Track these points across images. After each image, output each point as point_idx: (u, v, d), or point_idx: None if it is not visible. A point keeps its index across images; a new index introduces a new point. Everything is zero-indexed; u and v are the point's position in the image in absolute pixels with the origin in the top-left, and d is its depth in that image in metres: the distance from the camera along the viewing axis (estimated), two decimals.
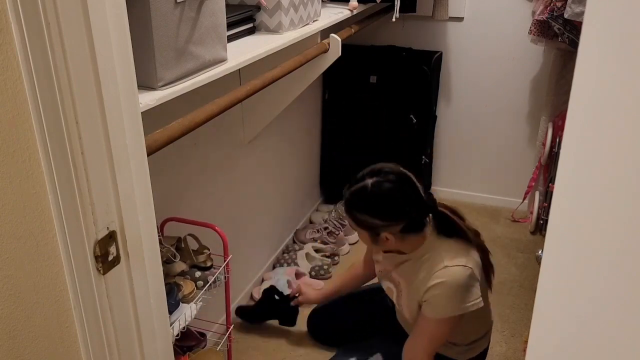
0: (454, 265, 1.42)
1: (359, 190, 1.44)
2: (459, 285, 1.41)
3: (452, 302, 1.42)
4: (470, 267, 1.43)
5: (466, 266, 1.42)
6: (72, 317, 0.83)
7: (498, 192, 2.99)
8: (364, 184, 1.43)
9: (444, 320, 1.45)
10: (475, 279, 1.44)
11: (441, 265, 1.43)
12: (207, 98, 1.30)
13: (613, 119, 0.49)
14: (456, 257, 1.44)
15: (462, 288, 1.41)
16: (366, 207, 1.44)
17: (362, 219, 1.45)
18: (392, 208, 1.43)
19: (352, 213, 1.46)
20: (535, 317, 0.59)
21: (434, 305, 1.44)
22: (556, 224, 0.55)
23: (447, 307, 1.43)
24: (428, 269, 1.45)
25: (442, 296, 1.42)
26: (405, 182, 1.44)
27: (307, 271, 2.42)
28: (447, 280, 1.41)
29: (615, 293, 0.53)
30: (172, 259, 1.45)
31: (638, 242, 0.51)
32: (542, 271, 0.57)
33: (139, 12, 0.99)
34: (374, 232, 1.45)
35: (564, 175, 0.53)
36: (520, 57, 2.70)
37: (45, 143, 0.72)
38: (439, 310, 1.44)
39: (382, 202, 1.43)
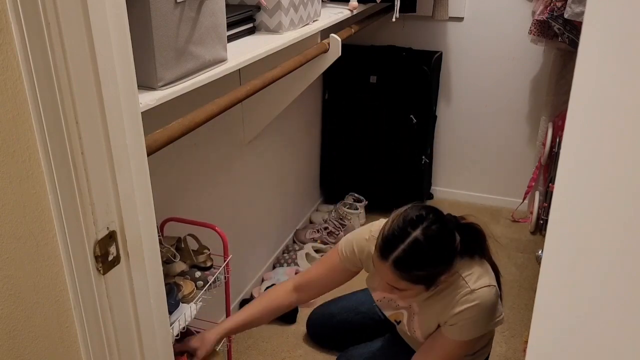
0: (480, 287, 1.37)
1: (413, 246, 1.29)
2: (488, 307, 1.38)
3: (481, 324, 1.40)
4: (494, 285, 1.40)
5: (490, 285, 1.38)
6: (72, 317, 0.83)
7: (498, 192, 2.99)
8: (415, 238, 1.29)
9: (467, 342, 1.43)
10: (498, 295, 1.42)
11: (467, 289, 1.37)
12: (207, 98, 1.30)
13: (613, 119, 0.49)
14: (480, 278, 1.39)
15: (490, 309, 1.39)
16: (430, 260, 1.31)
17: (424, 274, 1.32)
18: (452, 248, 1.34)
19: (410, 273, 1.31)
20: (535, 317, 0.59)
21: (463, 329, 1.41)
22: (556, 224, 0.55)
23: (475, 330, 1.41)
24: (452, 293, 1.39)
25: (472, 320, 1.38)
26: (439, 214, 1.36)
27: None
28: (477, 304, 1.36)
29: (615, 293, 0.53)
30: (172, 259, 1.45)
31: (638, 242, 0.51)
32: (542, 271, 0.57)
33: (139, 12, 0.99)
34: (434, 281, 1.35)
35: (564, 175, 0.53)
36: (520, 57, 2.70)
37: (45, 143, 0.72)
38: (467, 333, 1.41)
39: (443, 246, 1.32)
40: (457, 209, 2.92)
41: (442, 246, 1.32)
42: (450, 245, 1.33)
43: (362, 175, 2.86)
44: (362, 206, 2.81)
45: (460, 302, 1.37)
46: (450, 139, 2.99)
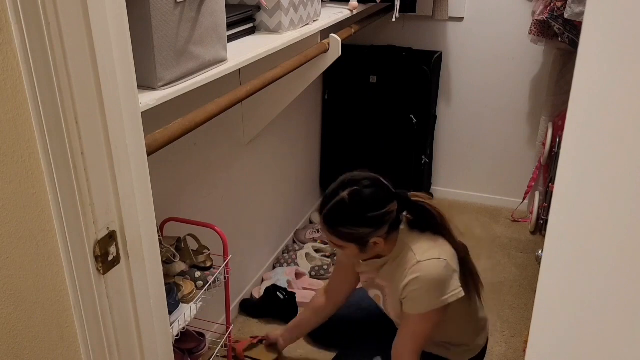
0: (427, 259, 1.42)
1: (337, 204, 1.40)
2: (435, 279, 1.41)
3: (430, 295, 1.42)
4: (444, 259, 1.42)
5: (439, 258, 1.42)
6: (72, 317, 0.83)
7: (498, 192, 2.99)
8: (341, 198, 1.40)
9: (425, 315, 1.45)
10: (452, 270, 1.43)
11: (414, 261, 1.43)
12: (207, 98, 1.30)
13: (613, 119, 0.49)
14: (428, 250, 1.44)
15: (438, 281, 1.41)
16: (351, 219, 1.41)
17: (349, 232, 1.42)
18: (378, 212, 1.40)
19: (336, 229, 1.42)
20: (535, 317, 0.59)
21: (413, 301, 1.45)
22: (556, 224, 0.55)
23: (425, 301, 1.43)
24: (402, 267, 1.45)
25: (419, 291, 1.42)
26: (380, 183, 1.44)
27: (307, 271, 2.42)
28: (421, 275, 1.41)
29: (615, 293, 0.53)
30: (172, 259, 1.45)
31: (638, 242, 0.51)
32: (542, 271, 0.57)
33: (139, 12, 0.99)
34: (362, 242, 1.43)
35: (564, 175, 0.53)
36: (520, 57, 2.70)
37: (45, 143, 0.72)
38: (419, 305, 1.44)
39: (367, 208, 1.40)
40: (457, 209, 2.93)
41: (365, 208, 1.39)
42: (375, 210, 1.40)
43: None
44: None
45: (408, 273, 1.43)
46: (450, 139, 2.99)
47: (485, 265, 2.48)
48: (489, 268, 2.45)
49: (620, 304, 0.53)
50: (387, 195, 1.44)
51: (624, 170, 0.50)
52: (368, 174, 1.45)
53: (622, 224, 0.51)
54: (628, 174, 0.50)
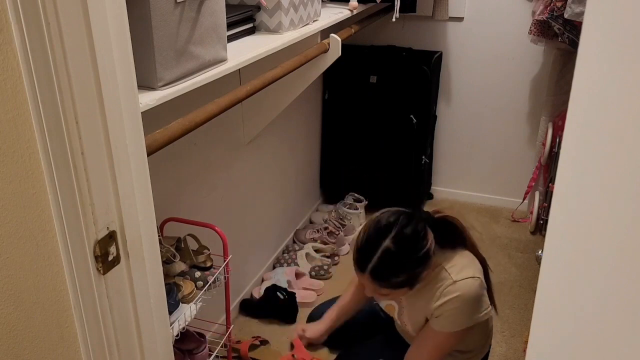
0: (463, 278, 1.40)
1: (384, 256, 1.35)
2: (472, 298, 1.40)
3: (465, 315, 1.41)
4: (478, 277, 1.41)
5: (474, 277, 1.41)
6: (72, 317, 0.83)
7: (498, 192, 2.99)
8: (385, 248, 1.35)
9: (455, 334, 1.44)
10: (484, 288, 1.43)
11: (449, 280, 1.40)
12: (207, 98, 1.30)
13: (613, 119, 0.49)
14: (462, 269, 1.42)
15: (474, 300, 1.40)
16: (405, 266, 1.36)
17: (402, 280, 1.37)
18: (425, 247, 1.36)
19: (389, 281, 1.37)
20: (535, 317, 0.59)
21: (447, 320, 1.43)
22: (556, 224, 0.55)
23: (460, 321, 1.42)
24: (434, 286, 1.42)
25: (455, 311, 1.40)
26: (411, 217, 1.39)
27: (307, 271, 2.42)
28: (459, 295, 1.39)
29: (616, 293, 0.53)
30: (172, 259, 1.45)
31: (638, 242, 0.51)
32: (542, 271, 0.57)
33: (139, 12, 0.99)
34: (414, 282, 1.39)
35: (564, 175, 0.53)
36: (520, 57, 2.70)
37: (45, 143, 0.72)
38: (452, 324, 1.43)
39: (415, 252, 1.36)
40: (457, 209, 2.93)
41: (414, 250, 1.35)
42: (423, 247, 1.36)
43: (362, 175, 2.86)
44: (362, 206, 2.81)
45: (444, 294, 1.40)
46: (450, 139, 2.99)
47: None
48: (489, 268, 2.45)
49: (620, 304, 0.53)
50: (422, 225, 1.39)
51: (624, 170, 0.50)
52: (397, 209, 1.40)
53: (622, 224, 0.51)
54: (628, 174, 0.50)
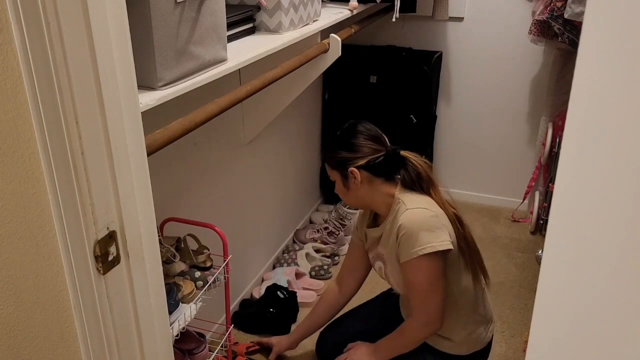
0: (415, 207, 1.48)
1: (333, 136, 1.61)
2: (422, 222, 1.45)
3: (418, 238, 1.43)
4: (432, 211, 1.47)
5: (427, 209, 1.47)
6: (72, 317, 0.83)
7: (498, 192, 2.99)
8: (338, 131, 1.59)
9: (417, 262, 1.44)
10: (441, 223, 1.47)
11: (403, 207, 1.49)
12: (207, 98, 1.30)
13: (613, 119, 0.49)
14: (418, 203, 1.49)
15: (425, 225, 1.44)
16: (337, 144, 1.57)
17: (333, 156, 1.56)
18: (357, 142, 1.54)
19: (327, 154, 1.60)
20: (535, 317, 0.59)
21: (403, 247, 1.46)
22: (556, 224, 0.55)
23: (414, 245, 1.43)
24: (395, 221, 1.50)
25: (406, 235, 1.45)
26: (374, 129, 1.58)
27: (307, 271, 2.42)
28: (409, 218, 1.45)
29: (615, 293, 0.53)
30: (172, 259, 1.45)
31: (638, 242, 0.51)
32: (542, 271, 0.57)
33: (139, 12, 0.99)
34: (343, 169, 1.54)
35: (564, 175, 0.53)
36: (520, 57, 2.70)
37: (45, 143, 0.72)
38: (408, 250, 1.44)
39: (350, 137, 1.55)
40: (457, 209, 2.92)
41: (348, 135, 1.55)
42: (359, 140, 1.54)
43: None
44: None
45: (399, 219, 1.48)
46: (450, 139, 2.99)
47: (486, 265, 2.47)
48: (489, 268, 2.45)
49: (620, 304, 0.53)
50: (376, 137, 1.56)
51: (624, 170, 0.50)
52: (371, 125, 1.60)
53: (622, 224, 0.51)
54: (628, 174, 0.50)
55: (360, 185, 1.54)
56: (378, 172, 1.54)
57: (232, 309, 2.16)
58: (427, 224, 1.45)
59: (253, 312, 2.13)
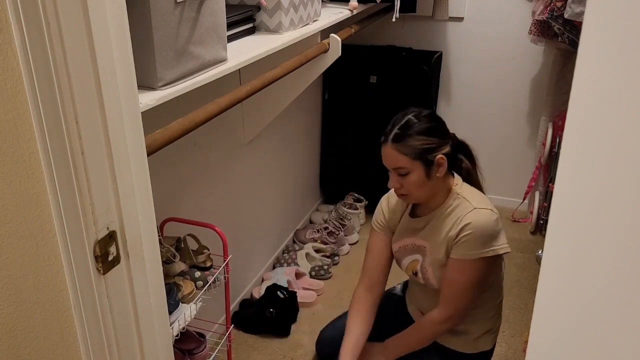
0: (484, 208, 1.47)
1: (406, 122, 1.50)
2: (490, 227, 1.46)
3: (482, 241, 1.45)
4: (496, 213, 1.48)
5: (493, 211, 1.48)
6: (72, 317, 0.83)
7: (498, 192, 2.99)
8: (407, 119, 1.51)
9: (471, 263, 1.46)
10: (500, 227, 1.49)
11: (470, 206, 1.47)
12: (207, 98, 1.30)
13: (613, 119, 0.49)
14: (482, 202, 1.49)
15: (492, 230, 1.46)
16: (420, 130, 1.48)
17: (417, 145, 1.47)
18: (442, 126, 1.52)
19: (405, 144, 1.48)
20: (535, 317, 0.59)
21: (465, 245, 1.46)
22: (556, 224, 0.55)
23: (477, 246, 1.45)
24: (456, 214, 1.49)
25: (473, 235, 1.45)
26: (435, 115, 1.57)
27: (307, 271, 2.42)
28: (478, 219, 1.45)
29: (615, 293, 0.53)
30: (172, 259, 1.45)
31: (638, 241, 0.51)
32: (542, 271, 0.57)
33: (139, 12, 0.99)
34: (429, 158, 1.47)
35: (564, 175, 0.53)
36: (520, 57, 2.70)
37: (45, 143, 0.72)
38: (469, 250, 1.46)
39: (432, 122, 1.50)
40: None
41: (432, 122, 1.51)
42: (441, 126, 1.52)
43: (362, 175, 2.86)
44: (362, 206, 2.81)
45: (464, 219, 1.46)
46: None
47: None
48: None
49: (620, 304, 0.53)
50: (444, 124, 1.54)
51: (624, 170, 0.50)
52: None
53: (621, 224, 0.51)
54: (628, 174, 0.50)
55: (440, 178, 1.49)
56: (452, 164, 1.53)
57: (232, 309, 2.16)
58: (493, 228, 1.46)
59: (253, 312, 2.13)
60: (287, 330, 2.11)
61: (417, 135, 1.48)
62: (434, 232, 1.53)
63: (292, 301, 2.15)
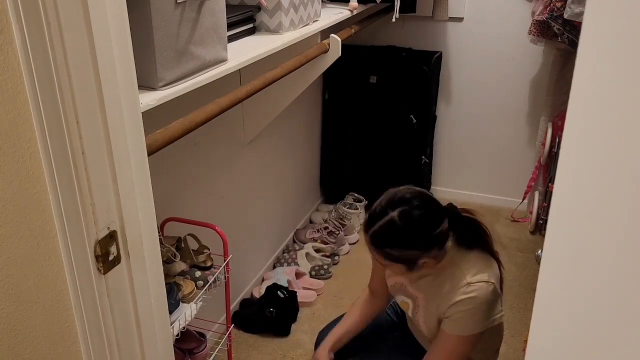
0: (477, 281, 1.38)
1: (387, 225, 1.33)
2: (483, 302, 1.38)
3: (475, 319, 1.40)
4: (492, 283, 1.39)
5: (489, 282, 1.39)
6: (72, 316, 0.83)
7: (498, 192, 3.00)
8: (390, 218, 1.33)
9: (466, 338, 1.42)
10: (498, 294, 1.41)
11: (464, 281, 1.38)
12: (207, 98, 1.30)
13: (612, 119, 0.49)
14: (478, 272, 1.40)
15: (485, 305, 1.38)
16: (401, 241, 1.34)
17: (397, 255, 1.36)
18: (430, 234, 1.34)
19: (384, 250, 1.36)
20: (535, 317, 0.59)
21: (457, 322, 1.41)
22: (556, 224, 0.55)
23: (469, 324, 1.40)
24: (450, 285, 1.41)
25: (466, 313, 1.39)
26: (430, 202, 1.38)
27: (307, 271, 2.42)
28: (471, 297, 1.37)
29: (615, 293, 0.53)
30: (172, 258, 1.45)
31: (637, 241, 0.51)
32: (541, 271, 0.57)
33: (140, 12, 0.99)
34: (412, 263, 1.37)
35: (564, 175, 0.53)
36: (520, 57, 2.70)
37: (45, 143, 0.72)
38: (462, 327, 1.41)
39: (418, 231, 1.34)
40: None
41: (416, 230, 1.34)
42: (428, 231, 1.34)
43: (362, 175, 2.86)
44: (362, 206, 2.81)
45: (457, 294, 1.39)
46: (450, 139, 2.99)
47: None
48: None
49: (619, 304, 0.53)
50: (438, 214, 1.37)
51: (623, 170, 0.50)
52: (416, 190, 1.39)
53: (621, 223, 0.51)
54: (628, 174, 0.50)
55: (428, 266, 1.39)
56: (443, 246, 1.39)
57: (233, 308, 2.17)
58: (488, 302, 1.38)
59: (253, 312, 2.13)
60: (287, 329, 2.11)
61: (396, 246, 1.34)
62: (432, 290, 1.46)
63: (292, 301, 2.15)
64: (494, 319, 1.42)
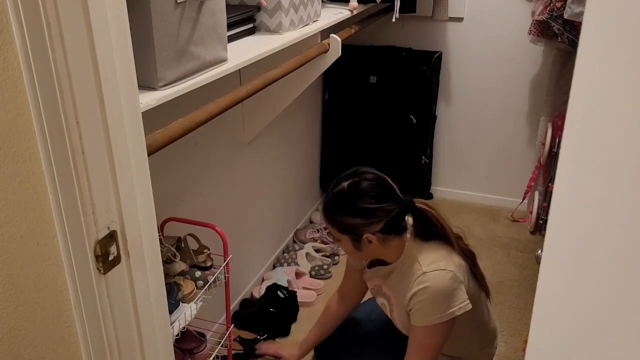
0: (432, 270, 1.40)
1: (336, 193, 1.44)
2: (440, 290, 1.38)
3: (435, 307, 1.40)
4: (450, 270, 1.40)
5: (445, 269, 1.39)
6: (72, 317, 0.83)
7: (498, 192, 2.99)
8: (341, 187, 1.43)
9: (432, 328, 1.42)
10: (459, 281, 1.41)
11: (419, 272, 1.40)
12: (207, 98, 1.30)
13: (612, 119, 0.49)
14: (434, 262, 1.41)
15: (444, 292, 1.39)
16: (345, 208, 1.42)
17: (343, 221, 1.43)
18: (371, 205, 1.41)
19: (332, 217, 1.45)
20: (535, 317, 0.59)
21: (419, 313, 1.42)
22: (556, 224, 0.55)
23: (431, 313, 1.40)
24: (408, 278, 1.43)
25: (424, 302, 1.39)
26: (382, 181, 1.45)
27: (307, 271, 2.42)
28: (427, 286, 1.39)
29: (615, 293, 0.53)
30: (172, 258, 1.45)
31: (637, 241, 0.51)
32: (541, 271, 0.57)
33: (140, 12, 0.99)
34: (356, 235, 1.42)
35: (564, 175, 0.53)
36: (519, 58, 2.70)
37: (45, 143, 0.72)
38: (425, 317, 1.42)
39: (361, 200, 1.41)
40: (457, 209, 2.93)
41: (359, 198, 1.41)
42: (370, 201, 1.41)
43: None
44: None
45: (414, 285, 1.41)
46: (450, 139, 2.99)
47: (485, 265, 2.48)
48: (489, 268, 2.46)
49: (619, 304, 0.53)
50: (387, 193, 1.44)
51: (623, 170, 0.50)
52: (375, 171, 1.47)
53: (621, 223, 0.51)
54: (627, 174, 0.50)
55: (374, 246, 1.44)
56: (393, 230, 1.44)
57: (233, 308, 2.17)
58: (446, 289, 1.39)
59: (253, 312, 2.13)
60: (287, 329, 2.11)
61: (341, 212, 1.42)
62: (396, 286, 1.50)
63: (292, 301, 2.15)
64: (460, 306, 1.41)
